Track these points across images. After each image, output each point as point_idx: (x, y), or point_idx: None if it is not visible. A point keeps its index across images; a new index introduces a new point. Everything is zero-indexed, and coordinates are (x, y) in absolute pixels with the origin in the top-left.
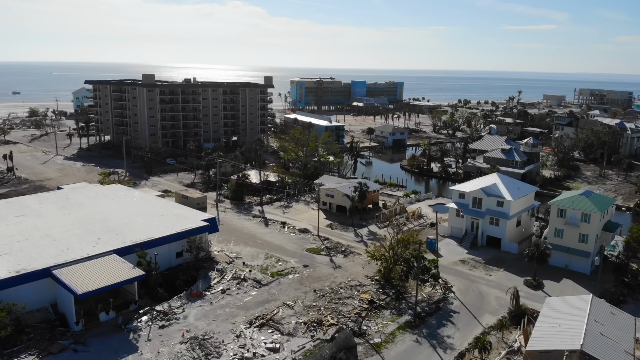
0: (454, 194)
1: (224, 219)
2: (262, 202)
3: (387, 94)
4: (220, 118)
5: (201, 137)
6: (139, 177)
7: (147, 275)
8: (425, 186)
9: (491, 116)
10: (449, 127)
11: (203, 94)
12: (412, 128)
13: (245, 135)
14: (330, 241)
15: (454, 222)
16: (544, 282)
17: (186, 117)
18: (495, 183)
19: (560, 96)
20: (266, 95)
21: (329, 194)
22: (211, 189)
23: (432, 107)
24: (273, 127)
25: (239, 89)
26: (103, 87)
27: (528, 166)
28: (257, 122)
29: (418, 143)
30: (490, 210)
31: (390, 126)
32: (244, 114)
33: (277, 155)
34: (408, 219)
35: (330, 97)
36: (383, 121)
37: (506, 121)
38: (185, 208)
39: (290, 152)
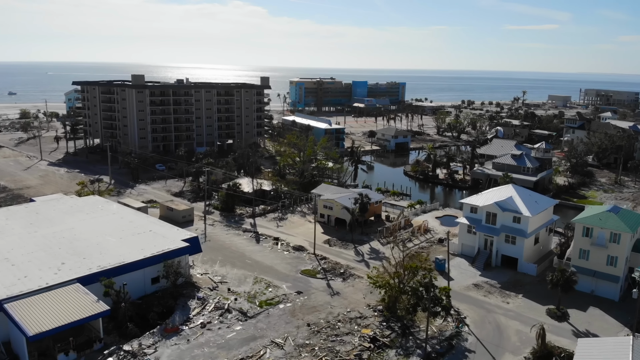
0: (465, 208)
1: (211, 234)
2: (255, 214)
3: (388, 95)
4: (214, 121)
5: (194, 140)
6: (124, 185)
7: (116, 307)
8: (431, 194)
9: (497, 118)
10: (454, 129)
11: (196, 95)
12: (415, 130)
13: (241, 138)
14: (328, 261)
15: (465, 239)
16: (569, 311)
17: (178, 120)
18: (510, 196)
19: (565, 97)
20: (263, 96)
21: (327, 205)
22: (201, 198)
23: (435, 108)
24: (270, 129)
25: (234, 90)
26: (91, 89)
27: (540, 173)
28: (253, 124)
29: (422, 146)
30: (505, 227)
31: (393, 129)
32: (239, 117)
33: (274, 160)
34: (414, 233)
35: (331, 98)
36: (385, 123)
37: (513, 123)
38: (165, 225)
39: (286, 158)
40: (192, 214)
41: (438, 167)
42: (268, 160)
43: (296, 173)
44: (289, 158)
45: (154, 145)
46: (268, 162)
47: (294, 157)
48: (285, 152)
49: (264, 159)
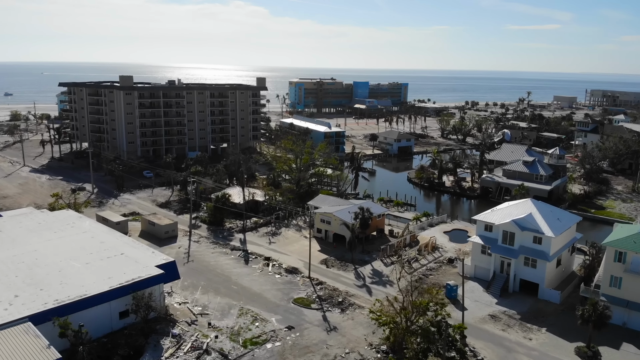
0: (479, 226)
1: (195, 252)
2: (245, 229)
3: (390, 96)
4: (207, 124)
5: (186, 145)
6: (108, 194)
7: (75, 350)
8: (437, 204)
9: (503, 120)
10: (459, 132)
11: (188, 97)
12: (418, 133)
13: (236, 142)
14: (325, 286)
15: (479, 260)
16: (600, 348)
17: (169, 123)
18: (530, 213)
19: (571, 97)
20: (259, 98)
21: (324, 219)
22: (189, 209)
23: (439, 109)
24: (267, 132)
25: (228, 91)
26: (79, 90)
27: (555, 181)
28: (248, 127)
29: (425, 150)
30: (525, 248)
31: (395, 132)
32: (234, 119)
33: (271, 166)
34: (420, 252)
35: (331, 99)
36: (387, 125)
37: (520, 125)
38: (139, 247)
39: (281, 165)
40: (175, 229)
41: (444, 174)
42: (264, 166)
43: (292, 181)
44: (285, 165)
45: (144, 150)
46: (264, 168)
47: (290, 163)
48: (280, 158)
49: (259, 165)
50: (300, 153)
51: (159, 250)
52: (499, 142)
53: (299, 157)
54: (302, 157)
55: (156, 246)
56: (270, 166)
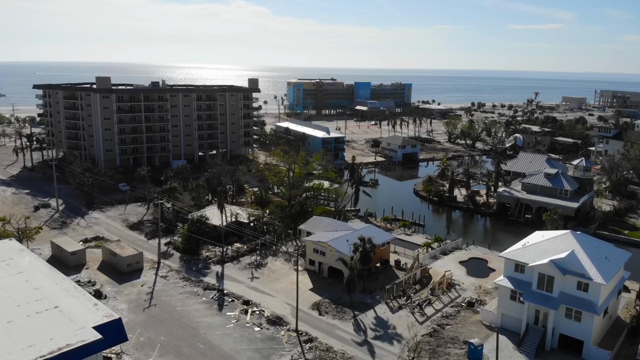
0: (508, 265)
1: (161, 293)
2: (224, 259)
3: (393, 97)
4: (194, 129)
5: (170, 152)
6: (75, 212)
7: None
8: (448, 222)
9: (513, 123)
10: (467, 136)
11: (172, 100)
12: (423, 137)
13: (226, 148)
14: (315, 343)
15: (507, 307)
16: None
17: (151, 129)
18: (572, 250)
19: (580, 98)
20: (251, 100)
21: (318, 249)
22: (164, 230)
23: (444, 111)
24: (261, 137)
25: (217, 93)
26: (54, 93)
27: (582, 197)
28: (240, 133)
29: (432, 157)
30: (567, 297)
31: (400, 137)
32: (224, 124)
33: (263, 177)
34: (434, 291)
35: (331, 100)
36: (390, 129)
37: (532, 129)
38: (80, 296)
39: (271, 177)
40: (140, 260)
41: (455, 187)
42: (256, 177)
43: (284, 196)
44: (276, 178)
45: (123, 159)
46: (255, 179)
47: (281, 176)
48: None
49: (250, 176)
50: (292, 165)
51: (118, 288)
52: (511, 148)
53: (291, 170)
54: (294, 170)
55: (115, 283)
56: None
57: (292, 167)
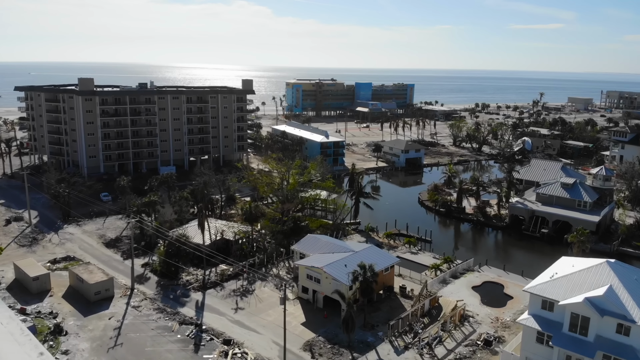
0: (534, 301)
1: (130, 328)
2: (206, 285)
3: (395, 98)
4: (184, 133)
5: (158, 158)
6: (49, 226)
7: None
8: (456, 236)
9: (520, 125)
10: (473, 140)
11: (160, 102)
12: (427, 141)
13: (219, 153)
14: None
15: (533, 351)
16: None
17: (137, 134)
18: (610, 286)
19: (586, 99)
20: (245, 102)
21: (312, 275)
22: (144, 248)
23: (448, 112)
24: (257, 141)
25: (208, 95)
26: (36, 95)
27: (602, 210)
28: (233, 137)
29: (437, 162)
30: (604, 342)
31: (403, 142)
32: (216, 127)
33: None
34: (445, 327)
35: (331, 102)
36: (392, 131)
37: (541, 132)
38: (25, 342)
39: (262, 188)
40: (111, 287)
41: (464, 195)
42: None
43: (277, 208)
44: (269, 189)
45: (108, 166)
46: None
47: (273, 187)
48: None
49: (242, 184)
50: (286, 175)
51: (82, 321)
52: (519, 152)
53: (285, 180)
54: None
55: (80, 315)
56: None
57: (286, 177)
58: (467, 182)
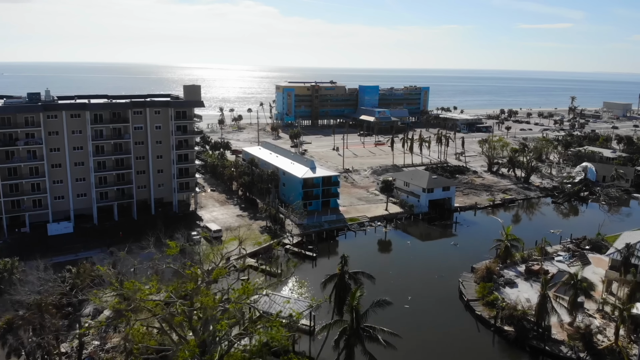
0: None
1: None
2: None
3: (407, 103)
4: (90, 170)
5: (48, 210)
6: None
7: None
8: None
9: (572, 142)
10: (520, 166)
11: (49, 124)
12: (453, 165)
13: (148, 196)
14: None
15: None
16: None
17: (15, 173)
18: None
19: (625, 104)
20: (190, 120)
21: None
22: None
23: (471, 121)
24: (221, 168)
25: (130, 110)
26: None
27: None
28: (170, 171)
29: (474, 204)
30: None
31: (425, 175)
32: (143, 158)
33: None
34: None
35: (330, 108)
36: (405, 149)
37: (603, 155)
38: None
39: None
40: None
41: (550, 305)
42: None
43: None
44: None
45: None
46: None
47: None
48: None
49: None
50: (188, 315)
51: None
52: (581, 183)
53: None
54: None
55: None
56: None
57: (189, 318)
58: (536, 256)
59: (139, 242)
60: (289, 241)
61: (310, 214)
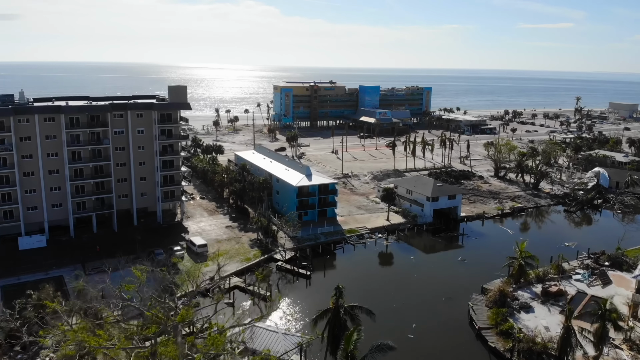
0: None
1: None
2: None
3: (408, 104)
4: (65, 178)
5: (20, 221)
6: None
7: None
8: None
9: (582, 145)
10: (529, 171)
11: (20, 128)
12: (458, 170)
13: (131, 205)
14: None
15: None
16: None
17: None
18: None
19: (632, 105)
20: (175, 123)
21: None
22: None
23: (475, 123)
24: (212, 173)
25: (109, 113)
26: None
27: None
28: (154, 179)
29: (483, 213)
30: None
31: (429, 182)
32: (125, 165)
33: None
34: None
35: (329, 109)
36: (407, 153)
37: (615, 159)
38: None
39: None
40: None
41: (575, 336)
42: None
43: None
44: None
45: None
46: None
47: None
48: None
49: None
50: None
51: None
52: (594, 189)
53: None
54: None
55: None
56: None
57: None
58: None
59: (117, 257)
60: (281, 256)
61: (305, 225)
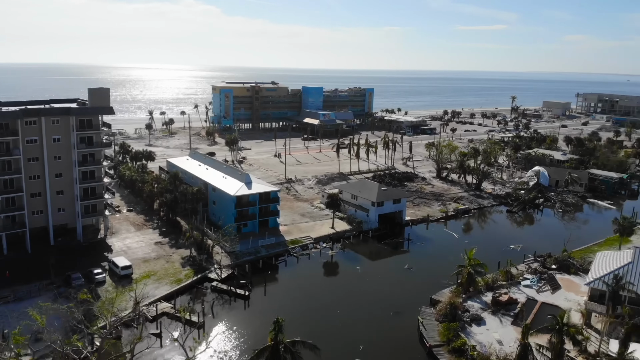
0: None
1: None
2: None
3: (352, 105)
4: None
5: None
6: None
7: None
8: None
9: (521, 144)
10: (471, 172)
11: None
12: (401, 172)
13: (46, 222)
14: None
15: None
16: None
17: None
18: None
19: (564, 103)
20: (97, 130)
21: None
22: None
23: (416, 123)
24: (140, 183)
25: (19, 120)
26: None
27: None
28: (73, 192)
29: (427, 217)
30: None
31: (374, 186)
32: (39, 178)
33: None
34: None
35: (272, 111)
36: (351, 156)
37: (553, 157)
38: None
39: None
40: None
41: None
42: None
43: None
44: None
45: None
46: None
47: None
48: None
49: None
50: None
51: None
52: (535, 188)
53: None
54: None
55: None
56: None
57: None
58: (500, 281)
59: (28, 284)
60: (217, 275)
61: (244, 237)
